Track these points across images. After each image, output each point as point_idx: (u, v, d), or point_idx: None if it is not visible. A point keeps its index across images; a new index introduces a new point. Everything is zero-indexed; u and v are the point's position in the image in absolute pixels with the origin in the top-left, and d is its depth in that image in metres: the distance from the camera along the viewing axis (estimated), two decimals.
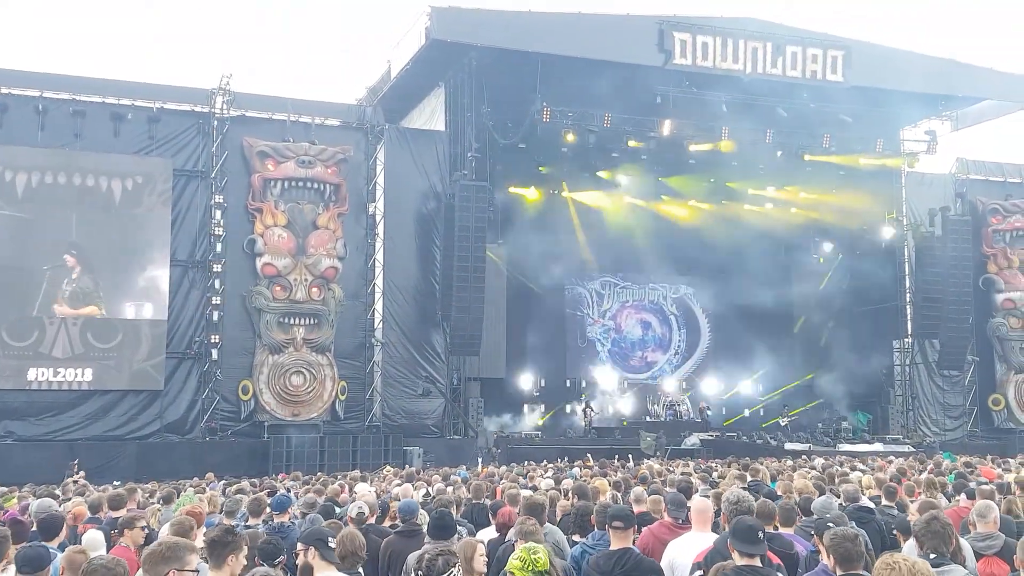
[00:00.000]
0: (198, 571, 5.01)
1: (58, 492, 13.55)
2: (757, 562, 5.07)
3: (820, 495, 8.82)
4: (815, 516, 7.64)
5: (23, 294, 26.24)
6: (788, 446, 30.23)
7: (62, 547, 7.08)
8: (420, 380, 29.39)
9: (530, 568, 4.58)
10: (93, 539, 7.22)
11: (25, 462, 23.27)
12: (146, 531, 7.61)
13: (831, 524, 5.98)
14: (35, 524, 8.03)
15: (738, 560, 5.13)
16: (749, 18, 30.81)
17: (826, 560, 5.33)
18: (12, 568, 5.77)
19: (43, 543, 6.41)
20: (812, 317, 39.42)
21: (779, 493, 10.22)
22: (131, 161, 27.42)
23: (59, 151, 26.79)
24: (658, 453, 27.97)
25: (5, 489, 15.73)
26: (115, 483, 18.25)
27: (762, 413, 38.66)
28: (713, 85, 29.82)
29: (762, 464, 15.70)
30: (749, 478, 11.50)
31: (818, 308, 39.11)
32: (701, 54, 29.35)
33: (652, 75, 29.11)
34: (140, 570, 4.28)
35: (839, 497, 9.33)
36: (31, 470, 21.46)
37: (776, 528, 7.08)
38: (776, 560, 6.04)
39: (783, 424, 35.00)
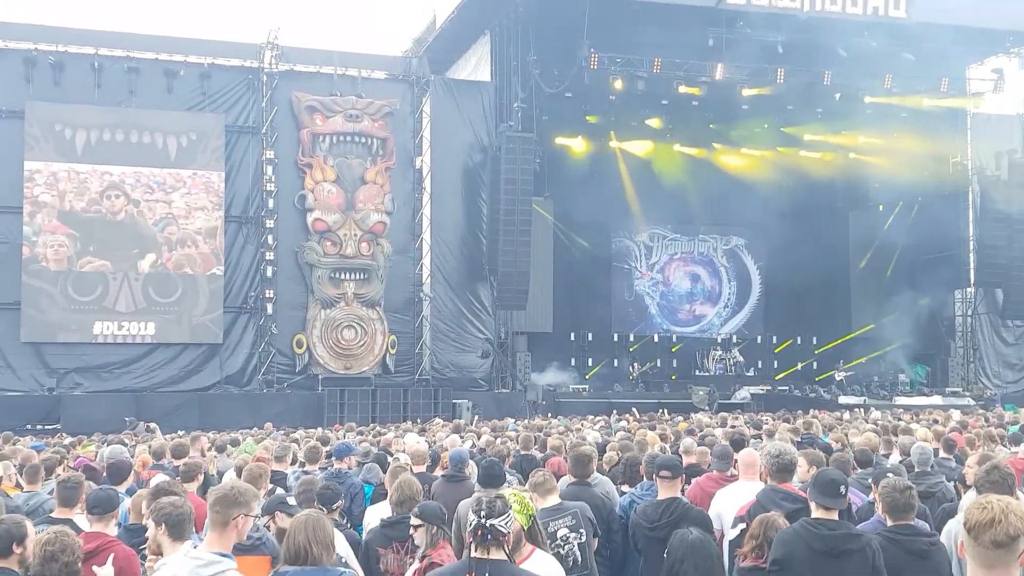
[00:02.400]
0: (259, 515, 5.25)
1: (127, 440, 14.01)
2: (835, 516, 5.05)
3: (883, 449, 8.74)
4: (876, 466, 7.61)
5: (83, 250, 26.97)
6: (842, 399, 29.80)
7: (130, 492, 7.39)
8: (469, 335, 29.61)
9: (524, 512, 4.77)
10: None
11: (93, 413, 24.23)
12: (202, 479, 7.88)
13: (888, 476, 5.96)
14: (105, 470, 8.39)
15: (815, 512, 5.11)
16: None
17: (879, 509, 5.36)
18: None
19: (112, 487, 6.68)
20: (869, 267, 38.11)
21: (833, 446, 10.19)
22: (185, 118, 27.88)
23: (115, 109, 27.33)
24: (710, 407, 27.91)
25: (73, 439, 16.34)
26: (179, 432, 18.81)
27: (815, 366, 38.06)
28: (768, 25, 28.73)
29: (815, 417, 15.62)
30: (802, 431, 11.48)
31: (876, 258, 37.74)
32: None
33: (704, 17, 28.18)
34: (208, 513, 4.43)
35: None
36: (99, 421, 22.42)
37: None
38: None
39: (838, 378, 34.27)
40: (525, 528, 4.77)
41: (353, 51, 30.48)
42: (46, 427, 23.72)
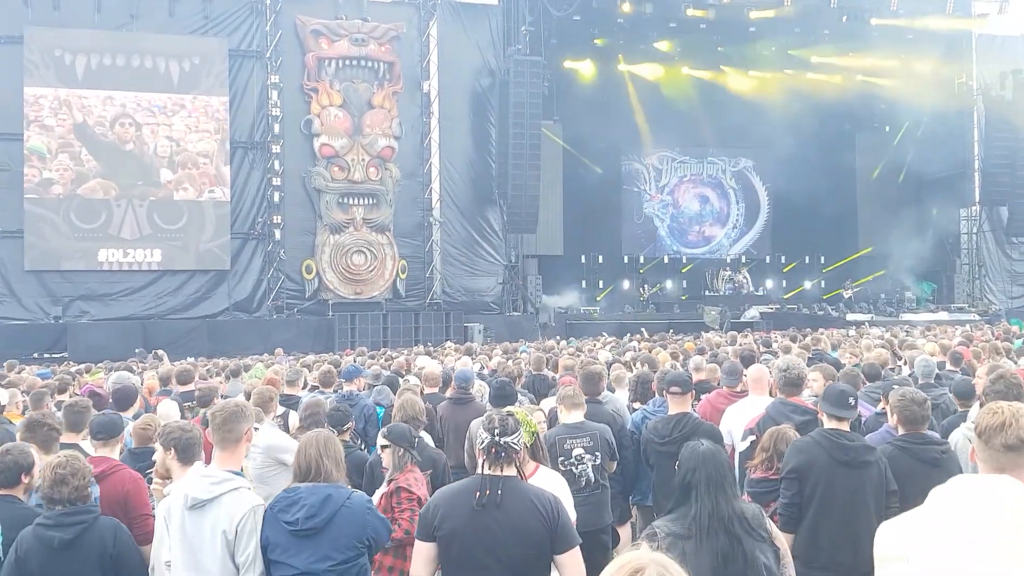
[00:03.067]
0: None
1: (134, 367, 14.16)
2: (846, 427, 5.10)
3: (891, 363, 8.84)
4: (885, 380, 7.71)
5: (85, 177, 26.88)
6: (850, 317, 30.18)
7: (136, 417, 7.41)
8: (480, 259, 29.71)
9: (527, 429, 4.82)
10: (167, 409, 7.59)
11: (100, 341, 24.32)
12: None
13: (903, 388, 6.02)
14: (111, 396, 8.47)
15: (827, 424, 5.16)
16: None
17: (891, 420, 5.42)
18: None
19: (117, 412, 6.71)
20: (876, 187, 38.43)
21: (843, 361, 10.30)
22: (187, 42, 27.49)
23: (116, 33, 26.94)
24: (722, 326, 28.07)
25: (81, 366, 16.51)
26: (189, 359, 19.00)
27: (823, 285, 38.37)
28: None
29: (823, 334, 15.72)
30: (812, 348, 11.58)
31: (882, 177, 38.06)
32: None
33: None
34: (216, 432, 4.40)
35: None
36: (106, 348, 22.49)
37: None
38: None
39: (846, 296, 34.62)
40: (528, 445, 4.83)
41: None
42: (52, 355, 23.70)
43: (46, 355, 23.81)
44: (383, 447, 5.23)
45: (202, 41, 27.66)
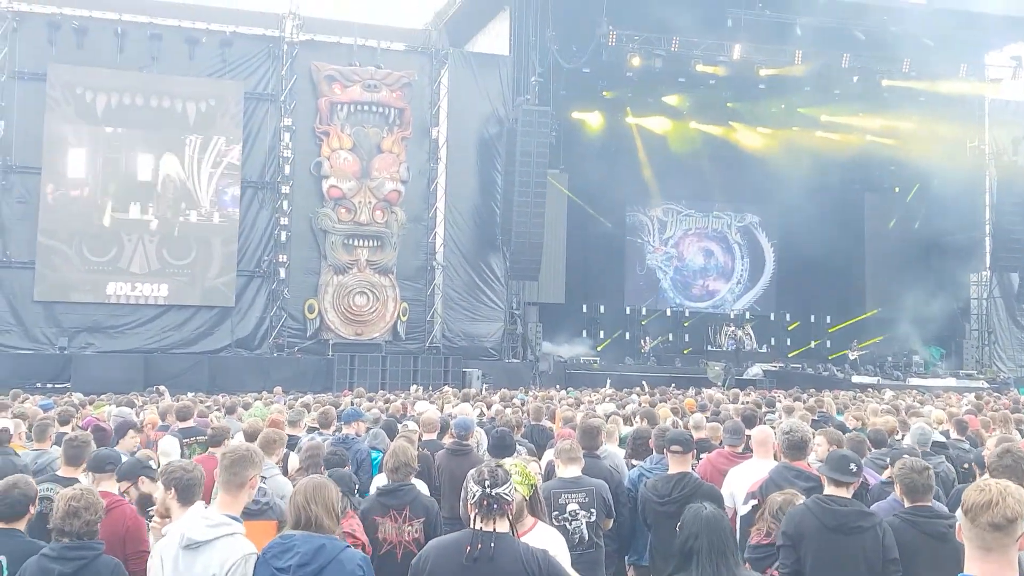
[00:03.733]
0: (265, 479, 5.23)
1: (136, 401, 14.15)
2: (846, 492, 5.06)
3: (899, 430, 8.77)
4: (892, 447, 7.65)
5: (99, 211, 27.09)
6: (856, 379, 29.76)
7: (134, 453, 7.44)
8: (481, 305, 29.75)
9: (526, 482, 4.74)
10: (168, 446, 7.58)
11: (104, 373, 24.37)
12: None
13: (905, 456, 5.99)
14: (113, 430, 8.47)
15: (827, 489, 5.12)
16: None
17: (896, 491, 5.35)
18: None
19: (114, 448, 6.72)
20: (885, 248, 38.06)
21: (848, 425, 10.23)
22: (205, 84, 27.96)
23: (137, 73, 27.40)
24: (725, 382, 27.95)
25: (83, 397, 16.49)
26: (189, 394, 18.97)
27: (828, 345, 38.11)
28: (787, 7, 28.77)
29: (827, 396, 15.64)
30: (817, 410, 11.51)
31: (891, 239, 37.80)
32: None
33: None
34: (222, 474, 4.44)
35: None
36: (110, 381, 22.50)
37: None
38: None
39: (851, 357, 34.27)
40: (527, 498, 4.78)
41: (373, 23, 30.51)
42: (56, 386, 23.72)
43: (49, 385, 23.84)
44: None
45: (219, 84, 28.10)
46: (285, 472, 7.18)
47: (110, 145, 27.19)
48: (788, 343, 38.40)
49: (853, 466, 5.15)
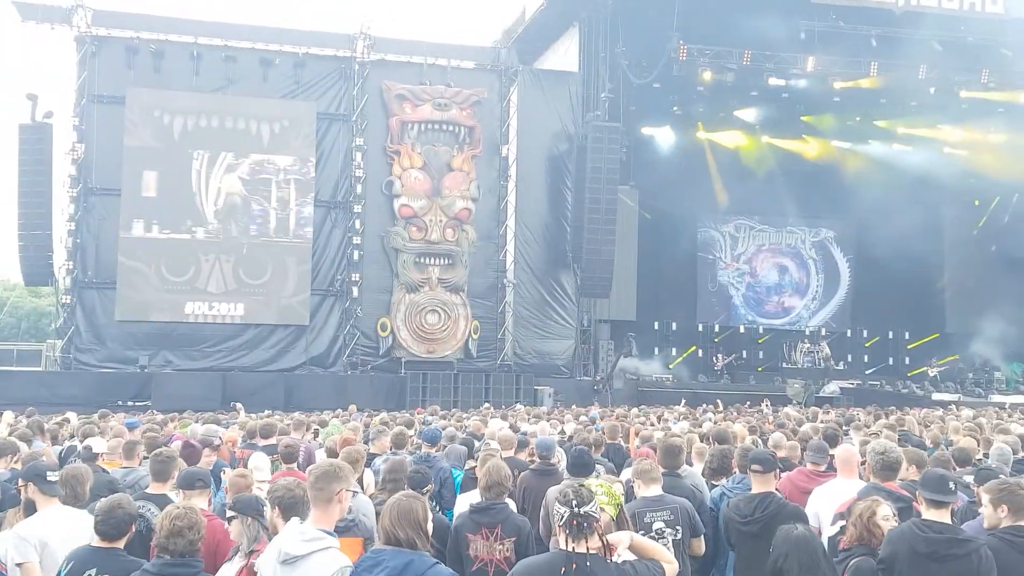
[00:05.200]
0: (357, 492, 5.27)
1: (220, 418, 14.42)
2: (945, 514, 4.90)
3: (983, 448, 8.54)
4: (979, 466, 7.43)
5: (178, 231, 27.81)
6: (936, 396, 29.14)
7: (215, 468, 7.65)
8: (552, 322, 29.73)
9: (612, 502, 4.71)
10: (259, 462, 7.70)
11: (183, 390, 24.93)
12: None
13: (997, 474, 5.79)
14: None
15: (926, 512, 4.98)
16: None
17: (989, 510, 5.16)
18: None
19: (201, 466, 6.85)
20: (964, 263, 37.13)
21: (928, 444, 9.96)
22: (278, 105, 28.52)
23: (212, 95, 28.10)
24: (805, 400, 27.44)
25: (162, 416, 16.86)
26: (266, 412, 19.24)
27: (907, 362, 37.24)
28: (862, 18, 28.40)
29: (909, 414, 15.24)
30: (898, 428, 11.23)
31: (971, 254, 36.90)
32: None
33: (795, 9, 27.77)
34: (311, 490, 4.52)
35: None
36: (189, 398, 22.97)
37: None
38: None
39: (931, 374, 33.58)
40: (614, 518, 4.74)
41: (443, 42, 30.92)
42: (137, 404, 24.42)
43: (131, 403, 24.52)
44: (230, 518, 5.02)
45: (292, 104, 28.65)
46: (361, 487, 7.24)
47: (187, 166, 27.84)
48: (865, 360, 37.64)
49: (952, 484, 5.01)
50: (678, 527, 6.02)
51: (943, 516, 4.91)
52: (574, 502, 3.99)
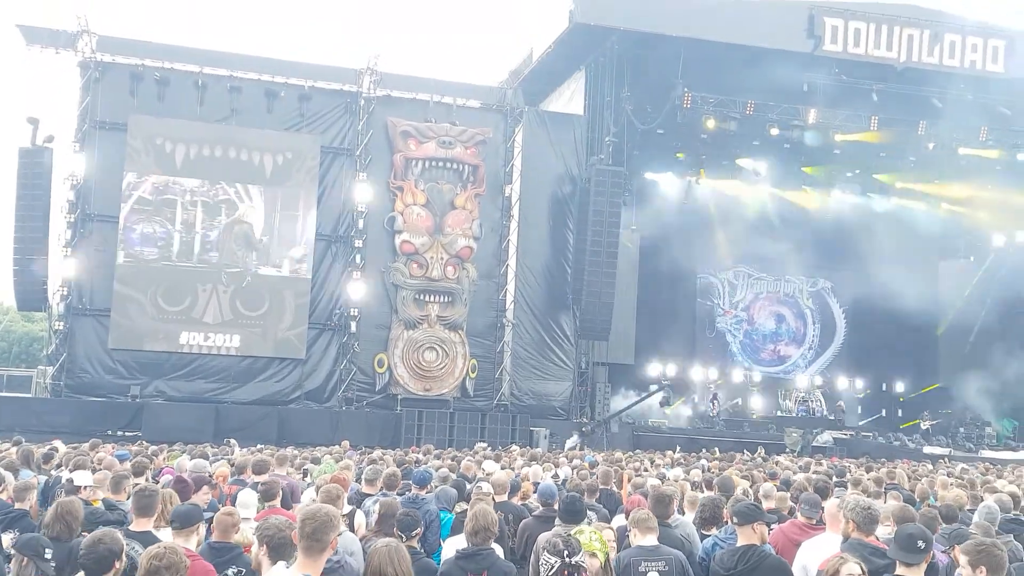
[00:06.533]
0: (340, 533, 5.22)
1: (208, 452, 14.32)
2: (917, 572, 4.91)
3: (970, 504, 8.52)
4: (958, 524, 7.41)
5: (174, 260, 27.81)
6: (927, 450, 29.24)
7: (211, 507, 7.48)
8: (550, 363, 29.69)
9: (604, 549, 4.69)
10: (247, 498, 7.65)
11: (174, 421, 24.57)
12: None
13: (973, 534, 5.77)
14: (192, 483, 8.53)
15: (899, 569, 4.99)
16: (906, 4, 29.53)
17: (968, 572, 5.14)
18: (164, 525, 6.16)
19: (193, 503, 6.74)
20: (958, 318, 37.43)
21: (917, 498, 9.92)
22: (282, 137, 28.61)
23: (216, 125, 28.13)
24: (803, 449, 27.36)
25: (154, 447, 16.74)
26: (259, 446, 19.14)
27: (900, 414, 37.28)
28: (864, 73, 28.86)
29: (900, 467, 15.20)
30: (886, 481, 11.19)
31: (965, 309, 37.15)
32: (853, 41, 28.40)
33: (800, 62, 28.29)
34: (302, 537, 4.39)
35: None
36: (180, 429, 22.63)
37: None
38: None
39: (923, 427, 33.69)
40: (602, 565, 4.72)
41: (449, 80, 31.05)
42: (127, 434, 24.10)
43: (120, 433, 24.28)
44: (8, 558, 4.90)
45: (296, 137, 28.76)
46: (351, 528, 7.19)
47: (187, 195, 27.86)
48: (859, 411, 37.58)
49: (921, 543, 5.02)
50: None
51: (917, 572, 4.88)
52: (565, 552, 3.99)
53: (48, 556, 5.35)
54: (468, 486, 9.90)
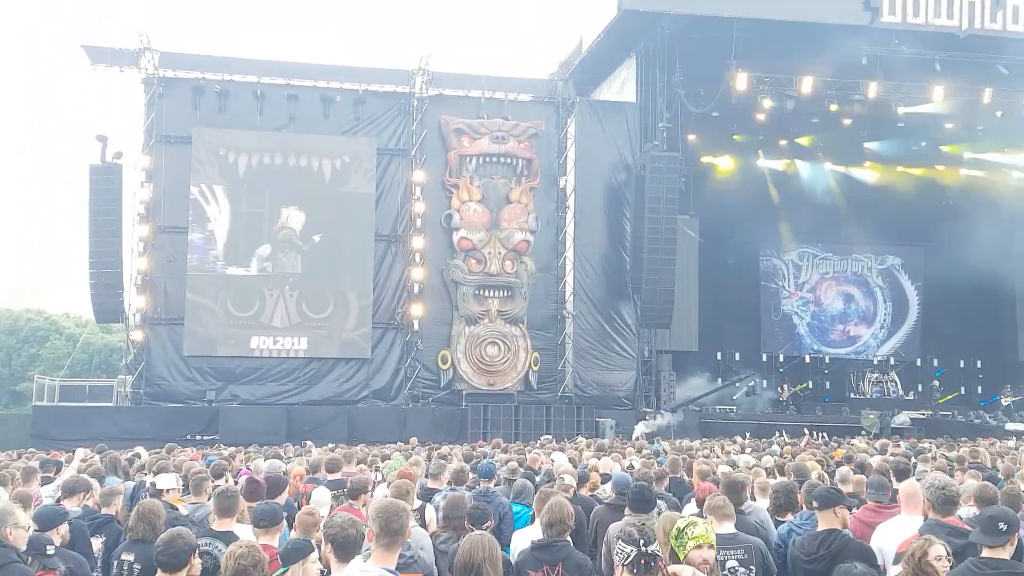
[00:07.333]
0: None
1: (281, 453, 14.57)
2: (1003, 553, 4.78)
3: None
4: None
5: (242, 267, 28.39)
6: (1009, 426, 28.38)
7: (287, 506, 7.64)
8: (612, 353, 29.55)
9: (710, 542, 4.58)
10: (321, 496, 7.75)
11: (249, 424, 25.28)
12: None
13: None
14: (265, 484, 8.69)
15: (983, 551, 4.86)
16: None
17: None
18: (237, 523, 6.31)
19: (274, 501, 6.89)
20: None
21: (1001, 476, 9.64)
22: (339, 141, 29.04)
23: (275, 133, 28.70)
24: (881, 431, 26.79)
25: (232, 449, 17.11)
26: (330, 445, 19.40)
27: (979, 391, 36.16)
28: (925, 43, 27.93)
29: (982, 445, 14.78)
30: (969, 460, 10.89)
31: None
32: (912, 11, 27.51)
33: (857, 35, 27.45)
34: (373, 529, 4.56)
35: None
36: (254, 432, 23.25)
37: None
38: None
39: (1004, 403, 32.61)
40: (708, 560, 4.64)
41: (500, 75, 31.09)
42: (204, 437, 24.87)
43: (198, 437, 24.95)
44: (100, 562, 5.04)
45: (353, 140, 29.15)
46: (422, 524, 7.24)
47: (251, 203, 28.46)
48: (938, 388, 36.56)
49: (1003, 525, 4.85)
50: (751, 567, 5.84)
51: (1002, 553, 4.75)
52: (641, 541, 3.95)
53: (50, 552, 5.57)
54: (537, 478, 9.91)
